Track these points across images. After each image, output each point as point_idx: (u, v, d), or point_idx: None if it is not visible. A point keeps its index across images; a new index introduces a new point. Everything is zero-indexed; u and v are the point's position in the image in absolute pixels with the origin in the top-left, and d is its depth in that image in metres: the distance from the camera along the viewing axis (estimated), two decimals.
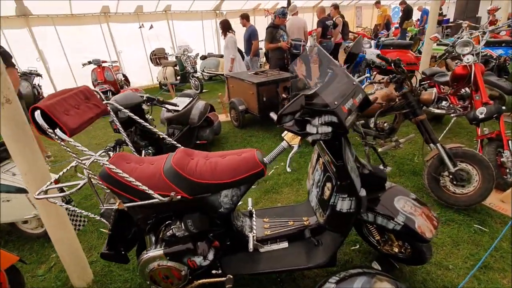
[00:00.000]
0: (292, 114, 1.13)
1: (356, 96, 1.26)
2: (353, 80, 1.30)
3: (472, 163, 2.21)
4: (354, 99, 1.25)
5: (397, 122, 2.53)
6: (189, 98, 3.41)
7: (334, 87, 1.29)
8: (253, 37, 5.35)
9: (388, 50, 6.08)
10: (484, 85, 2.80)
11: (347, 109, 1.21)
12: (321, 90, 1.25)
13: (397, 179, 2.76)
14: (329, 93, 1.24)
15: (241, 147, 3.77)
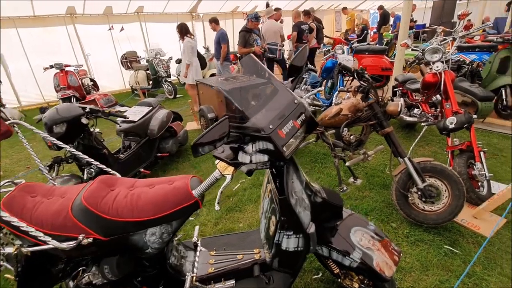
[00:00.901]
0: (212, 143, 0.91)
1: (298, 116, 1.06)
2: (295, 98, 1.10)
3: (441, 178, 2.07)
4: (295, 121, 1.05)
5: (364, 134, 2.37)
6: (148, 107, 3.14)
7: (271, 106, 1.09)
8: (222, 41, 5.14)
9: (363, 55, 6.03)
10: (454, 94, 2.70)
11: (285, 134, 1.00)
12: (253, 111, 1.04)
13: (367, 193, 2.60)
14: (264, 115, 1.04)
15: (208, 158, 3.53)
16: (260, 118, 1.02)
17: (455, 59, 4.97)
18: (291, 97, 1.10)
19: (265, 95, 1.20)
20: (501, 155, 3.13)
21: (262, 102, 1.14)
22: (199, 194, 1.13)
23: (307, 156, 3.35)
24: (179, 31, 4.80)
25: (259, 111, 1.07)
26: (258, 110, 1.08)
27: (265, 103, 1.12)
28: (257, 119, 1.02)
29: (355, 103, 2.33)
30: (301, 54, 1.21)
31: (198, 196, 1.14)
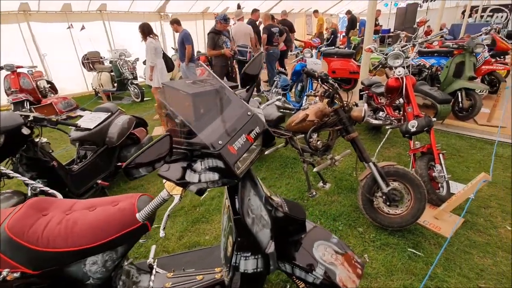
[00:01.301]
0: (150, 165, 0.81)
1: (251, 130, 0.98)
2: (248, 109, 1.02)
3: (404, 181, 2.11)
4: (248, 135, 0.96)
5: (331, 139, 2.36)
6: (107, 113, 2.91)
7: (223, 119, 1.00)
8: (186, 41, 4.99)
9: (332, 58, 6.15)
10: (415, 98, 2.79)
11: (236, 149, 0.92)
12: (203, 125, 0.95)
13: (335, 197, 2.60)
14: (214, 129, 0.95)
15: None
16: (209, 133, 0.93)
17: (417, 64, 5.23)
18: (244, 109, 1.02)
19: (216, 106, 1.11)
20: (458, 155, 3.30)
21: (213, 114, 1.05)
22: (143, 218, 1.01)
23: (277, 161, 3.31)
24: (141, 31, 4.56)
25: (209, 124, 0.97)
26: (208, 123, 0.98)
27: (216, 115, 1.03)
28: (206, 133, 0.92)
29: (321, 108, 2.31)
30: (255, 62, 1.13)
31: (143, 220, 1.02)
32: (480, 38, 5.17)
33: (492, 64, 5.28)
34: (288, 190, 2.74)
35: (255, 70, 1.10)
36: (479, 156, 3.27)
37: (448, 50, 4.80)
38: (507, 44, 6.28)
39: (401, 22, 14.20)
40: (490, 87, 5.44)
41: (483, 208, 2.39)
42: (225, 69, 5.19)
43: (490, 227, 2.17)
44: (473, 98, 4.13)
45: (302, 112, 2.29)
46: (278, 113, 2.84)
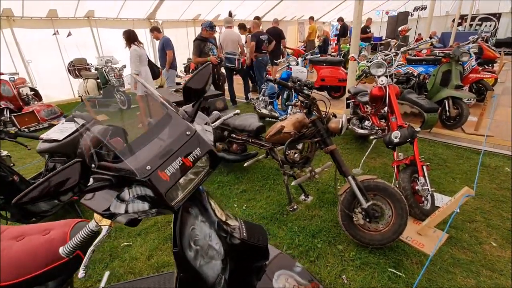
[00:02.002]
0: (54, 196, 0.69)
1: (190, 152, 0.86)
2: (187, 129, 0.90)
3: (385, 196, 2.01)
4: (186, 158, 0.85)
5: (310, 151, 2.27)
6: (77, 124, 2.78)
7: (156, 141, 0.88)
8: (167, 47, 4.92)
9: (321, 66, 6.11)
10: (398, 108, 2.73)
11: (169, 175, 0.80)
12: (130, 149, 0.84)
13: (316, 211, 2.49)
14: (145, 151, 0.84)
15: None
16: (138, 157, 0.82)
17: (405, 71, 5.21)
18: (183, 128, 0.90)
19: (152, 125, 1.00)
20: (445, 166, 3.23)
21: (148, 134, 0.93)
22: (67, 253, 0.88)
23: (259, 172, 3.20)
24: (126, 38, 4.47)
25: (140, 147, 0.86)
26: (141, 144, 0.87)
27: (150, 136, 0.91)
28: (134, 158, 0.81)
29: (300, 119, 2.22)
30: (201, 74, 1.01)
31: (67, 255, 0.89)
32: (467, 47, 5.19)
33: (479, 73, 5.28)
34: (268, 204, 2.62)
35: (200, 84, 0.99)
36: (466, 166, 3.20)
37: (436, 58, 4.78)
38: (494, 52, 6.33)
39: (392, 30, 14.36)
40: (478, 96, 5.43)
41: (468, 222, 2.30)
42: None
43: (474, 243, 2.07)
44: (460, 107, 4.09)
45: (278, 123, 2.20)
46: (258, 123, 2.75)
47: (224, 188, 2.92)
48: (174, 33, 9.12)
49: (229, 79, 6.02)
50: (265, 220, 2.39)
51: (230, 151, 3.14)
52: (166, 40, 5.12)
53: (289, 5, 11.85)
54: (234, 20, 10.88)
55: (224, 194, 2.81)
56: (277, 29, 7.43)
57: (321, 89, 6.40)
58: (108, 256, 2.11)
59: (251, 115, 3.03)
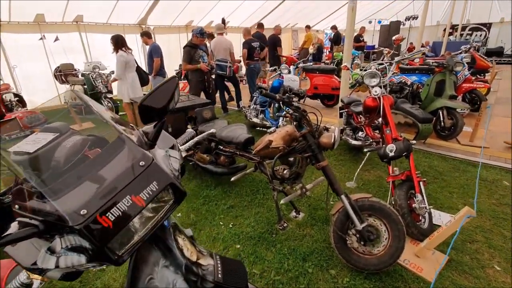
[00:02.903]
0: None
1: (143, 187, 0.70)
2: (142, 158, 0.74)
3: (381, 217, 1.87)
4: (137, 196, 0.69)
5: (300, 167, 2.11)
6: (55, 133, 2.59)
7: (98, 176, 0.72)
8: (154, 54, 4.79)
9: (314, 74, 6.03)
10: (393, 120, 2.60)
11: (112, 221, 0.64)
12: (61, 186, 0.68)
13: (308, 230, 2.33)
14: (80, 191, 0.67)
15: None
16: (73, 195, 0.65)
17: (398, 81, 5.15)
18: (137, 156, 0.74)
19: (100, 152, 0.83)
20: (441, 179, 3.11)
21: (90, 164, 0.77)
22: None
23: (248, 186, 3.03)
24: (114, 43, 4.33)
25: (78, 182, 0.70)
26: (79, 179, 0.71)
27: (94, 166, 0.75)
28: (67, 198, 0.65)
29: (289, 132, 2.08)
30: (161, 91, 0.85)
31: None
32: (460, 56, 5.16)
33: (472, 82, 5.24)
34: (256, 221, 2.45)
35: (161, 101, 0.83)
36: (463, 179, 3.08)
37: (429, 67, 4.73)
38: (486, 62, 6.33)
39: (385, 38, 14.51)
40: (471, 105, 5.40)
41: (468, 243, 2.16)
42: (201, 84, 4.96)
43: (476, 267, 1.93)
44: (454, 117, 4.01)
45: (266, 137, 2.05)
46: (246, 135, 2.59)
47: (211, 203, 2.74)
48: (166, 39, 9.00)
49: (220, 86, 5.88)
50: (253, 240, 2.22)
51: (218, 163, 2.98)
52: (155, 47, 5.02)
53: (283, 13, 11.87)
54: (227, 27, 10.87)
55: (210, 210, 2.63)
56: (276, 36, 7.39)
57: (314, 98, 6.31)
58: (78, 283, 1.90)
59: (239, 125, 2.88)
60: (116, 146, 0.78)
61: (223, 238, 2.24)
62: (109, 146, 0.81)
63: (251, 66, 6.11)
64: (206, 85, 5.01)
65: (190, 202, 2.77)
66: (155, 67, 4.94)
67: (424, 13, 7.82)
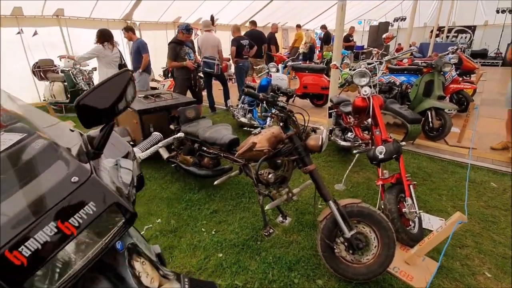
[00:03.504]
0: None
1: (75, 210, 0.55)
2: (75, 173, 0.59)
3: (370, 223, 1.77)
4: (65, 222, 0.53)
5: (287, 170, 2.00)
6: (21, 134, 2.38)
7: (19, 195, 0.57)
8: (143, 50, 4.62)
9: (303, 73, 5.94)
10: (383, 120, 2.52)
11: (27, 257, 0.50)
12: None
13: (295, 237, 2.22)
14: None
15: None
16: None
17: (387, 80, 5.12)
18: (70, 171, 0.60)
19: (19, 169, 0.68)
20: (430, 181, 3.07)
21: (6, 180, 0.62)
22: None
23: (233, 188, 2.90)
24: (98, 36, 4.14)
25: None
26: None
27: (11, 183, 0.60)
28: None
29: (275, 133, 1.95)
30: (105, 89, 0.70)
31: None
32: (448, 57, 5.17)
33: (459, 83, 5.27)
34: (241, 227, 2.32)
35: (107, 101, 0.68)
36: (451, 181, 3.04)
37: (418, 68, 4.71)
38: (473, 63, 6.40)
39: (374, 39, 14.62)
40: (458, 106, 5.43)
41: (458, 248, 2.10)
42: (187, 82, 4.78)
43: (467, 274, 1.87)
44: (443, 118, 3.99)
45: (250, 139, 1.92)
46: (231, 136, 2.46)
47: (193, 208, 2.59)
48: (152, 36, 8.72)
49: (208, 85, 5.72)
50: (236, 248, 2.09)
51: (202, 165, 2.83)
52: (143, 43, 4.85)
53: (273, 11, 11.76)
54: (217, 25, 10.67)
55: (192, 215, 2.48)
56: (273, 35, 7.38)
57: (303, 97, 6.23)
58: None
59: (224, 126, 2.74)
60: (44, 157, 0.64)
61: (204, 246, 2.11)
62: (34, 156, 0.66)
63: (239, 64, 5.97)
64: (193, 83, 4.83)
65: (172, 207, 2.62)
66: (144, 63, 4.77)
67: (412, 14, 7.87)
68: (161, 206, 2.65)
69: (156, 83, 7.00)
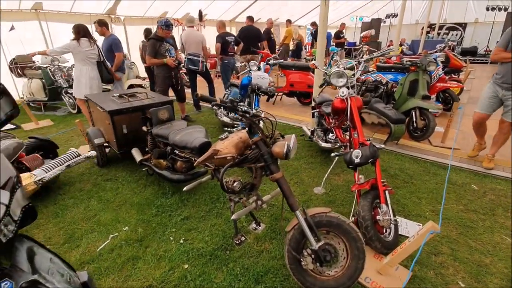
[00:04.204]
0: None
1: None
2: None
3: (339, 234, 1.69)
4: None
5: (255, 177, 1.90)
6: None
7: None
8: (116, 48, 4.45)
9: (290, 71, 5.84)
10: (360, 123, 2.44)
11: None
12: None
13: (266, 245, 2.13)
14: None
15: (85, 199, 2.73)
16: None
17: (374, 79, 5.04)
18: None
19: None
20: (411, 183, 3.01)
21: None
22: None
23: (208, 193, 2.79)
24: (75, 32, 3.96)
25: None
26: None
27: None
28: None
29: (243, 139, 1.84)
30: None
31: None
32: (434, 55, 5.11)
33: (446, 82, 5.23)
34: (211, 235, 2.23)
35: None
36: (432, 184, 2.99)
37: (404, 66, 4.64)
38: (460, 61, 6.37)
39: None
40: (444, 105, 5.39)
41: (433, 255, 2.04)
42: (168, 80, 4.63)
43: (440, 284, 1.81)
44: (427, 118, 3.93)
45: (216, 144, 1.81)
46: (202, 139, 2.34)
47: (164, 214, 2.48)
48: (138, 31, 8.47)
49: (192, 82, 5.57)
50: (204, 258, 1.99)
51: (175, 169, 2.72)
52: (116, 40, 4.65)
53: (264, 7, 11.58)
54: (205, 20, 10.46)
55: (162, 223, 2.37)
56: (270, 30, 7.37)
57: (290, 95, 6.13)
58: None
59: (197, 128, 2.62)
60: None
61: (170, 256, 2.00)
62: None
63: (225, 62, 5.83)
64: (174, 81, 4.68)
65: (142, 213, 2.50)
66: (117, 63, 4.59)
67: (402, 11, 7.80)
68: (130, 212, 2.53)
69: (140, 80, 6.81)
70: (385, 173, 3.19)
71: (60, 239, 2.21)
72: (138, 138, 3.18)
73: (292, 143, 1.68)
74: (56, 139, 4.35)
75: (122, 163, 3.49)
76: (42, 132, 4.78)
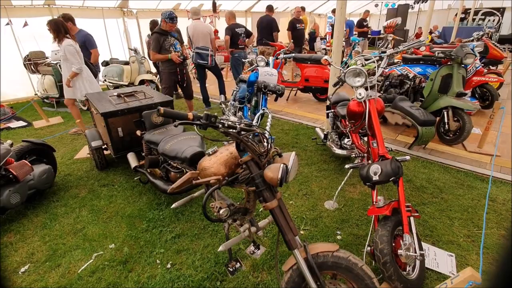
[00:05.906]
0: None
1: None
2: None
3: (348, 279, 1.35)
4: None
5: (248, 201, 1.59)
6: None
7: None
8: (89, 45, 4.25)
9: (305, 64, 5.39)
10: (380, 130, 2.04)
11: None
12: None
13: (264, 275, 1.83)
14: None
15: (77, 208, 2.56)
16: None
17: (400, 72, 4.50)
18: None
19: None
20: (441, 198, 2.57)
21: None
22: None
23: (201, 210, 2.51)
24: (55, 30, 3.71)
25: None
26: None
27: None
28: None
29: (234, 155, 1.54)
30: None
31: None
32: (471, 45, 4.46)
33: (484, 75, 4.59)
34: (203, 258, 1.96)
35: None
36: (467, 200, 2.54)
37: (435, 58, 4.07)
38: (501, 51, 5.59)
39: None
40: (481, 101, 4.76)
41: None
42: (174, 76, 4.38)
43: None
44: (461, 119, 3.41)
45: (202, 162, 1.50)
46: (194, 149, 2.06)
47: (154, 230, 2.25)
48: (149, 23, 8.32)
49: (201, 77, 5.30)
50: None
51: (169, 179, 2.47)
52: (88, 37, 4.38)
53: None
54: (220, 11, 10.10)
55: (151, 241, 2.14)
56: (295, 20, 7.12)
57: (305, 91, 5.70)
58: None
59: (191, 135, 2.34)
60: None
61: (153, 285, 1.76)
62: None
63: (235, 55, 5.50)
64: (179, 78, 4.43)
65: (131, 228, 2.28)
66: (93, 60, 4.40)
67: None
68: (120, 225, 2.32)
69: (151, 75, 6.64)
70: (409, 185, 2.77)
71: (43, 256, 2.04)
72: (136, 141, 2.97)
73: (291, 165, 1.34)
74: (62, 138, 4.28)
75: (121, 167, 3.31)
76: (51, 130, 4.72)
